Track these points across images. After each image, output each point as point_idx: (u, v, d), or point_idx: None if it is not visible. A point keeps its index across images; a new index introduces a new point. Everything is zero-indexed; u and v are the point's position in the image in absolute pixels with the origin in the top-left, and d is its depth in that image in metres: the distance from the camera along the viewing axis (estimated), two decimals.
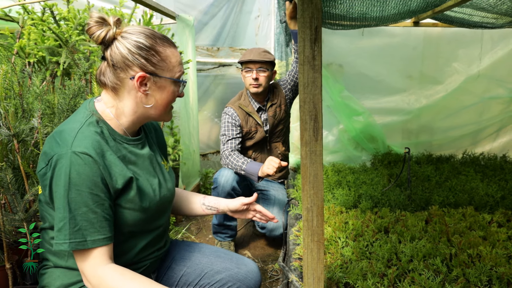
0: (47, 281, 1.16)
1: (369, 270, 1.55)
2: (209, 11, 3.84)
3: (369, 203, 2.23)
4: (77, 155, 1.00)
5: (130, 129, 1.17)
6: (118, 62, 1.08)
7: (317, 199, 1.03)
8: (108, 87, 1.12)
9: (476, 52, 3.27)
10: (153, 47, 1.09)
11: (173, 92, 1.16)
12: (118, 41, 1.08)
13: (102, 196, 1.03)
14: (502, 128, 3.58)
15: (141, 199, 1.13)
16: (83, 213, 1.00)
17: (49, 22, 2.21)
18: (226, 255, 1.44)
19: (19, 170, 1.72)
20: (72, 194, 0.99)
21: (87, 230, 1.01)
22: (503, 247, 1.71)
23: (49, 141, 1.06)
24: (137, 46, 1.07)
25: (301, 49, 0.94)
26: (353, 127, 3.43)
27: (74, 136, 1.03)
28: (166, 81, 1.13)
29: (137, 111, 1.14)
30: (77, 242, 1.00)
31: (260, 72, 2.47)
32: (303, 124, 0.98)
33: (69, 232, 0.99)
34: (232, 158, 2.38)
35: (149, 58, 1.08)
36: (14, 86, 1.75)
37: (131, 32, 1.09)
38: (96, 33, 1.06)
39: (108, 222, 1.05)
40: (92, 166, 1.01)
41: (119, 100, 1.13)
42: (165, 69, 1.12)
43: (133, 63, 1.07)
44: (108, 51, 1.09)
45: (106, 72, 1.11)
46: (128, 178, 1.09)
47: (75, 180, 0.99)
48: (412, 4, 1.89)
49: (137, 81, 1.08)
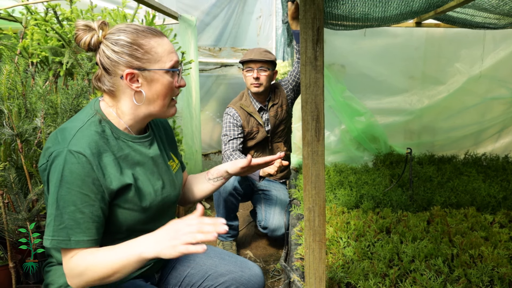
0: (51, 278, 1.16)
1: (371, 270, 1.55)
2: (211, 11, 3.85)
3: (371, 203, 2.23)
4: (72, 153, 1.00)
5: (134, 127, 1.17)
6: (107, 64, 1.08)
7: (319, 199, 1.04)
8: (104, 91, 1.13)
9: (478, 52, 3.26)
10: (135, 41, 1.07)
11: (168, 83, 1.12)
12: (103, 44, 1.08)
13: (92, 197, 1.02)
14: (504, 129, 3.57)
15: (141, 199, 1.12)
16: (71, 212, 1.00)
17: (52, 22, 2.22)
18: (230, 257, 1.43)
19: (22, 169, 1.72)
20: (62, 191, 0.99)
21: (73, 230, 1.00)
22: (505, 247, 1.71)
23: (52, 137, 1.07)
24: (119, 44, 1.06)
25: (303, 49, 0.94)
26: (355, 127, 3.43)
27: (73, 135, 1.04)
28: (156, 73, 1.10)
29: (136, 109, 1.13)
30: (60, 240, 0.99)
31: (261, 71, 2.47)
32: (305, 124, 0.99)
33: (53, 229, 0.99)
34: (234, 158, 2.38)
35: (133, 54, 1.06)
36: (17, 86, 1.76)
37: (113, 32, 1.08)
38: (82, 39, 1.06)
39: (96, 224, 1.03)
40: (85, 166, 1.01)
41: (117, 101, 1.13)
42: (152, 61, 1.08)
43: (119, 62, 1.07)
44: (97, 56, 1.09)
45: (101, 77, 1.12)
46: (125, 184, 1.09)
47: (66, 178, 0.99)
48: (414, 4, 1.89)
49: (126, 79, 1.07)
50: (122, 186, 1.08)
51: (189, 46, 3.13)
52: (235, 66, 4.07)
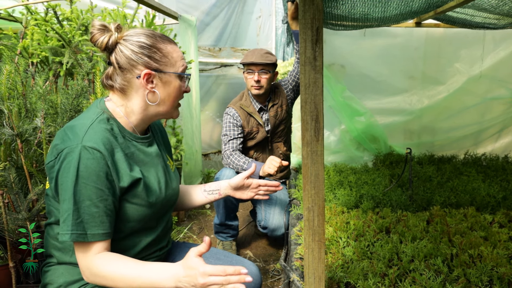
0: (51, 278, 1.17)
1: (370, 270, 1.55)
2: (211, 11, 3.85)
3: (370, 203, 2.23)
4: (87, 149, 1.03)
5: (139, 127, 1.21)
6: (124, 63, 1.13)
7: (318, 199, 1.04)
8: (116, 89, 1.16)
9: (478, 52, 3.27)
10: (154, 45, 1.14)
11: (179, 87, 1.20)
12: (121, 44, 1.13)
13: (106, 192, 1.05)
14: (504, 129, 3.57)
15: (148, 195, 1.16)
16: (86, 206, 1.03)
17: (52, 22, 2.22)
18: (226, 257, 1.45)
19: (23, 169, 1.73)
20: (78, 186, 1.02)
21: (88, 224, 1.03)
22: (504, 247, 1.71)
23: (60, 135, 1.10)
24: (139, 46, 1.12)
25: (303, 50, 0.94)
26: (355, 127, 3.43)
27: (85, 131, 1.07)
28: (170, 76, 1.17)
29: (146, 109, 1.18)
30: (78, 234, 1.02)
31: (262, 74, 2.47)
32: (304, 125, 0.99)
33: (72, 223, 1.02)
34: (234, 158, 2.39)
35: (152, 56, 1.13)
36: (17, 86, 1.76)
37: (132, 34, 1.14)
38: (99, 39, 1.11)
39: (109, 218, 1.07)
40: (100, 161, 1.04)
41: (127, 100, 1.17)
42: (168, 65, 1.16)
43: (138, 62, 1.12)
44: (113, 55, 1.14)
45: (113, 76, 1.16)
46: (135, 179, 1.12)
47: (82, 173, 1.02)
48: (414, 4, 1.89)
49: (143, 79, 1.13)
50: (132, 181, 1.11)
51: (189, 46, 3.14)
52: (235, 66, 4.07)
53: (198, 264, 0.96)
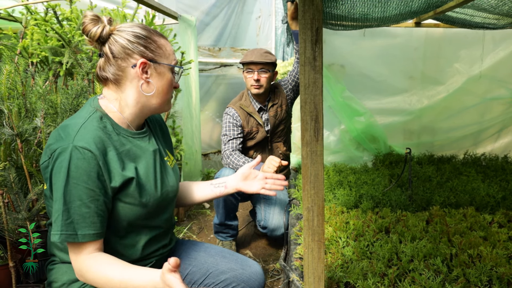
0: (55, 276, 1.17)
1: (370, 269, 1.56)
2: (210, 11, 3.85)
3: (370, 203, 2.24)
4: (78, 149, 1.02)
5: (134, 122, 1.20)
6: (119, 52, 1.12)
7: (317, 199, 1.04)
8: (109, 80, 1.16)
9: (478, 52, 3.27)
10: (150, 36, 1.16)
11: (171, 79, 1.21)
12: (115, 34, 1.13)
13: (97, 192, 1.04)
14: (503, 129, 3.57)
15: (141, 195, 1.14)
16: (77, 206, 1.02)
17: (52, 22, 2.22)
18: (231, 255, 1.45)
19: (22, 169, 1.73)
20: (69, 187, 1.01)
21: (79, 224, 1.02)
22: (504, 247, 1.71)
23: (54, 135, 1.09)
24: (135, 36, 1.13)
25: (302, 50, 0.95)
26: (354, 127, 3.43)
27: (77, 131, 1.06)
28: (164, 68, 1.18)
29: (139, 101, 1.17)
30: (68, 235, 1.02)
31: (262, 73, 2.48)
32: (304, 125, 0.99)
33: (61, 224, 1.02)
34: (233, 158, 2.39)
35: (148, 46, 1.14)
36: (17, 86, 1.76)
37: (126, 26, 1.15)
38: (92, 30, 1.10)
39: (101, 218, 1.06)
40: (91, 161, 1.03)
41: (121, 92, 1.16)
42: (162, 56, 1.18)
43: (133, 51, 1.12)
44: (106, 45, 1.13)
45: (106, 67, 1.15)
46: (127, 178, 1.11)
47: (73, 173, 1.01)
48: (413, 4, 1.89)
49: (139, 68, 1.13)
50: (124, 181, 1.10)
51: (189, 46, 3.14)
52: (235, 66, 4.08)
53: (174, 283, 0.93)
